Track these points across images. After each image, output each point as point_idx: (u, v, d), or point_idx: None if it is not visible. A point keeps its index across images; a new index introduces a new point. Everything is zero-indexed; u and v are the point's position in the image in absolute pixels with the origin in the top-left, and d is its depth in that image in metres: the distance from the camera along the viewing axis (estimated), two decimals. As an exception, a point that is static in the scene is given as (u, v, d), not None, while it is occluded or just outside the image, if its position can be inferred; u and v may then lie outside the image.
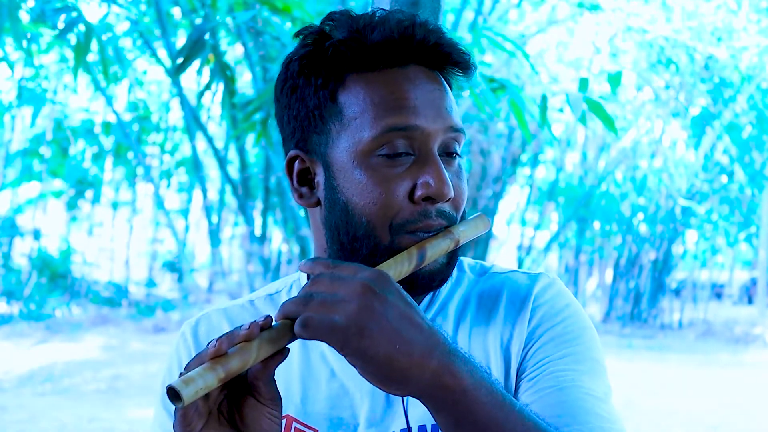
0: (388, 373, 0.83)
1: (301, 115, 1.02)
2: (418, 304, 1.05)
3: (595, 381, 0.99)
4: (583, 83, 2.96)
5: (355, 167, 0.98)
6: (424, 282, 1.00)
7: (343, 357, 0.84)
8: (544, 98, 2.96)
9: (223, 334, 0.86)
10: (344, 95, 0.99)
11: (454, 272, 1.09)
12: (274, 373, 0.89)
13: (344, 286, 0.84)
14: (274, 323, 0.87)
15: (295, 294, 1.11)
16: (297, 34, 1.03)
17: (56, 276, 16.91)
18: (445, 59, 1.02)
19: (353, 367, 0.86)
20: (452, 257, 1.02)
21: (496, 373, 1.03)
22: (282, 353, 0.87)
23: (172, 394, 0.80)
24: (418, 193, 0.97)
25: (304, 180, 1.05)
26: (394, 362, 0.82)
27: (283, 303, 0.86)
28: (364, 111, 0.98)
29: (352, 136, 0.98)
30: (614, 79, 2.91)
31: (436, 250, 0.97)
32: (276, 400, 0.90)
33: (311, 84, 1.00)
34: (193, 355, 1.09)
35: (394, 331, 0.82)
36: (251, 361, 0.84)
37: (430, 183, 0.96)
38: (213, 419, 0.89)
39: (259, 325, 0.85)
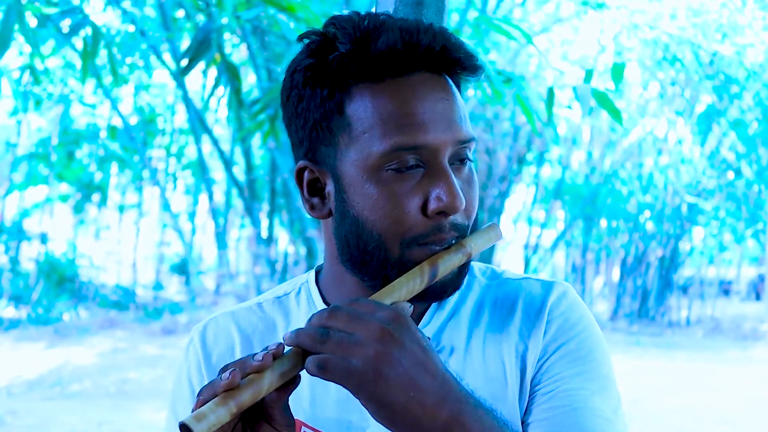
0: (401, 420, 0.85)
1: (309, 126, 1.00)
2: (427, 310, 1.07)
3: (605, 400, 1.02)
4: (589, 74, 2.94)
5: (365, 181, 0.97)
6: (436, 293, 1.00)
7: None
8: (550, 90, 2.94)
9: (236, 361, 0.87)
10: (351, 107, 0.97)
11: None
12: (288, 401, 0.90)
13: (362, 326, 0.85)
14: (286, 349, 0.87)
15: (304, 299, 1.13)
16: (300, 38, 1.02)
17: (63, 280, 16.92)
18: (453, 64, 1.00)
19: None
20: (464, 266, 1.02)
21: (512, 381, 1.04)
22: (294, 382, 0.88)
23: (185, 430, 0.82)
24: (432, 207, 0.96)
25: (314, 189, 1.04)
26: (408, 410, 0.85)
27: (298, 331, 0.87)
28: (372, 126, 0.96)
29: (361, 151, 0.97)
30: (617, 71, 2.88)
31: (448, 265, 0.97)
32: (291, 426, 0.91)
33: (317, 95, 0.99)
34: (202, 362, 1.11)
35: (409, 379, 0.85)
36: (263, 393, 0.86)
37: (442, 197, 0.96)
38: None
39: (272, 354, 0.86)
